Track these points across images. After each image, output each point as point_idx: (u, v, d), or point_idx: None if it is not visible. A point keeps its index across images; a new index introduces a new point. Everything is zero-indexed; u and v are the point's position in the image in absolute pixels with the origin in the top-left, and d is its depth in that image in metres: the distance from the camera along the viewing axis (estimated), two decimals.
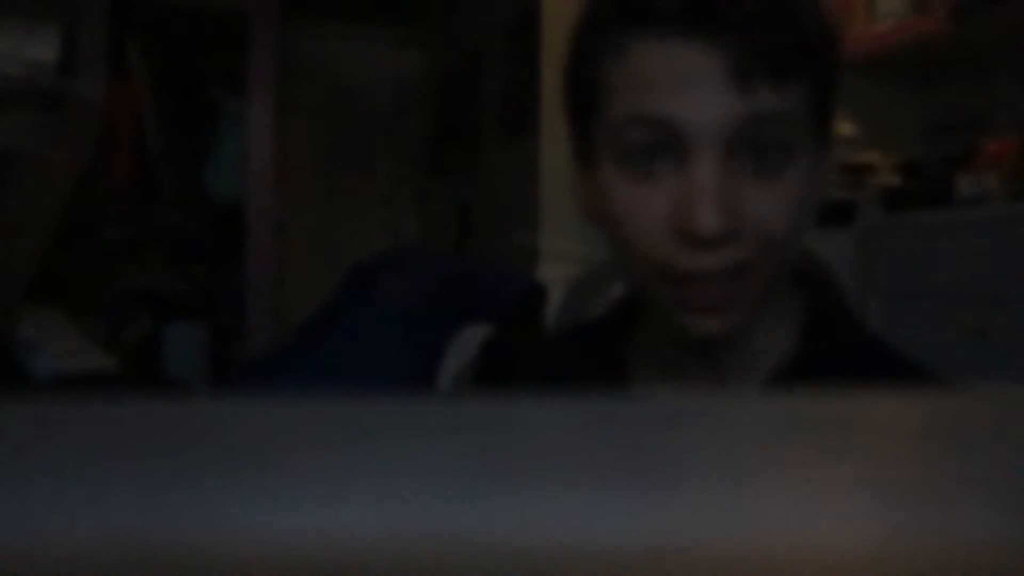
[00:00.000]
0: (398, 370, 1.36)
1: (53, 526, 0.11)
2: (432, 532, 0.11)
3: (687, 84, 0.53)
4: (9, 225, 2.20)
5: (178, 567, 0.10)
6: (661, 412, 0.18)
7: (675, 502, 0.12)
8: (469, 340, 1.32)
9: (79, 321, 2.31)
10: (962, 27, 2.21)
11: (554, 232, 2.84)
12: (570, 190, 0.64)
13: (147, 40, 2.71)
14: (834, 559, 0.11)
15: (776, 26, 0.53)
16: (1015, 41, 2.21)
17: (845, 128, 2.59)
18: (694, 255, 0.53)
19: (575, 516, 0.11)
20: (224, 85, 2.91)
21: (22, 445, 0.14)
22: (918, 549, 0.11)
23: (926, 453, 0.15)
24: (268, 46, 2.87)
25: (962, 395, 0.20)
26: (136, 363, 2.47)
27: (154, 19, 2.73)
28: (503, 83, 3.35)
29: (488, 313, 1.35)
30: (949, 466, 0.14)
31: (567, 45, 0.60)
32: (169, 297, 2.69)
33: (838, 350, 0.61)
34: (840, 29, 0.60)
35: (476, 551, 0.10)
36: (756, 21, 0.52)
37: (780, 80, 0.53)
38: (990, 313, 1.71)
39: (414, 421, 0.17)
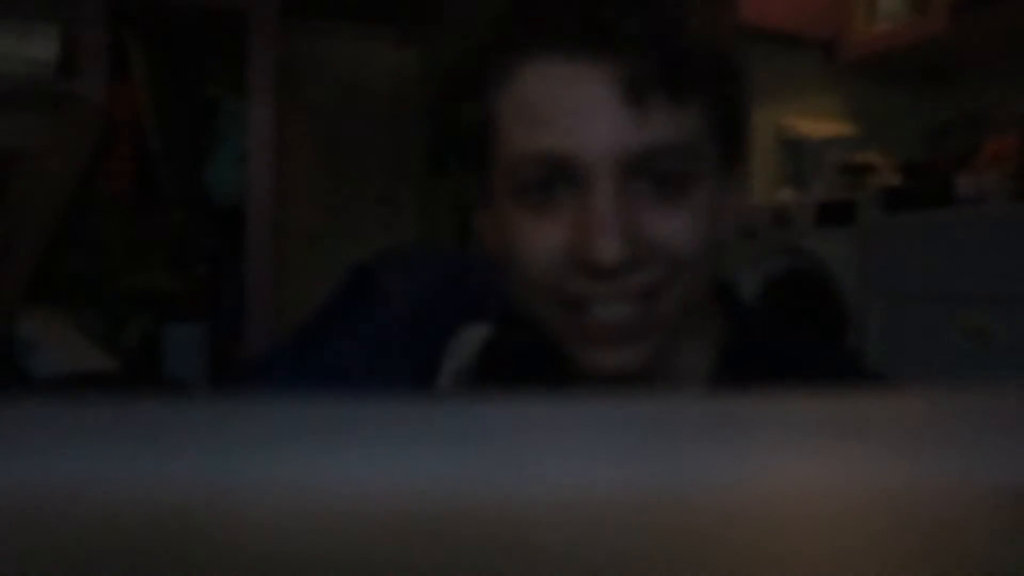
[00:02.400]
0: (398, 370, 1.36)
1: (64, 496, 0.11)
2: (427, 523, 0.11)
3: (579, 112, 0.51)
4: (9, 225, 2.20)
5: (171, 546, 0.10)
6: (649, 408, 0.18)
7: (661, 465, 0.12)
8: (469, 340, 1.32)
9: (79, 321, 2.31)
10: (962, 27, 2.21)
11: None
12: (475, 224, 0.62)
13: (147, 40, 2.71)
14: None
15: (667, 44, 0.51)
16: (1015, 41, 2.22)
17: (845, 128, 2.60)
18: (592, 283, 0.51)
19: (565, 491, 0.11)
20: (224, 85, 2.91)
21: (24, 441, 0.14)
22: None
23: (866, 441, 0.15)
24: (268, 46, 2.87)
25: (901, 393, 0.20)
26: (136, 363, 2.47)
27: (154, 19, 2.73)
28: None
29: (488, 313, 1.35)
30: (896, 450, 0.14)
31: (451, 84, 0.59)
32: (169, 297, 2.69)
33: (763, 361, 0.59)
34: (735, 49, 0.57)
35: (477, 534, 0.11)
36: (647, 39, 0.50)
37: (675, 99, 0.51)
38: (990, 313, 1.72)
39: (414, 420, 0.17)
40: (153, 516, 0.11)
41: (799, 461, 0.14)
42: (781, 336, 0.63)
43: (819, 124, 2.59)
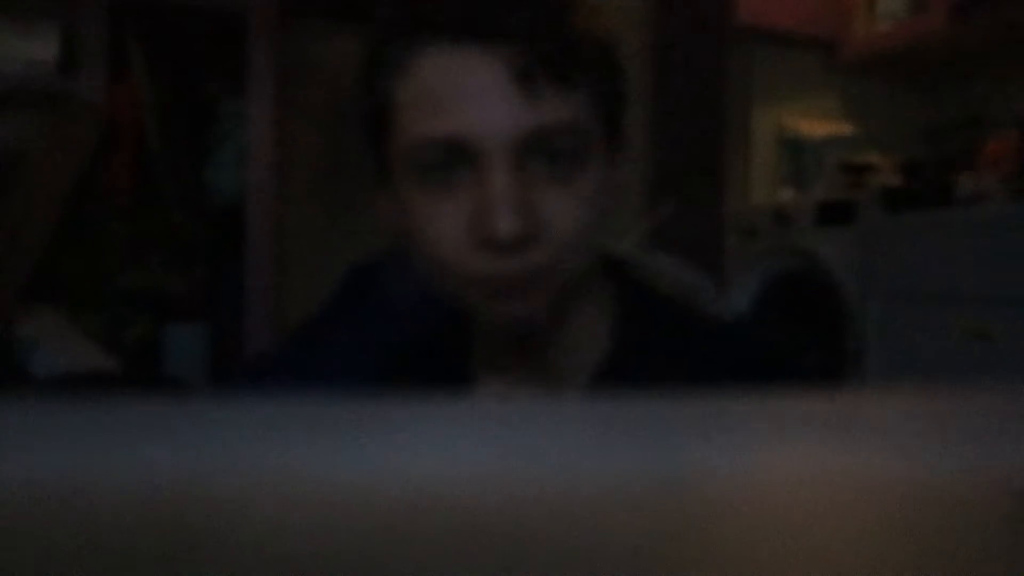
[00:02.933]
0: (397, 370, 1.36)
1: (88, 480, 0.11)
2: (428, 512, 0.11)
3: (473, 96, 0.54)
4: (9, 225, 2.20)
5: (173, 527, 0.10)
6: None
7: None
8: None
9: (79, 321, 2.31)
10: (962, 27, 2.21)
11: None
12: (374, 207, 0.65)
13: (147, 40, 2.71)
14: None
15: (553, 31, 0.54)
16: (1015, 41, 2.22)
17: (845, 128, 2.60)
18: (494, 260, 0.55)
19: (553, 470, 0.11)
20: (224, 85, 2.92)
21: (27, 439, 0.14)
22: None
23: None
24: (268, 46, 2.88)
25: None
26: (136, 363, 2.48)
27: (154, 19, 2.73)
28: None
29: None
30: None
31: (358, 70, 0.61)
32: (169, 297, 2.69)
33: (657, 337, 0.63)
34: (617, 38, 0.64)
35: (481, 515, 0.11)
36: (535, 27, 0.54)
37: (563, 84, 0.54)
38: (990, 313, 1.72)
39: (412, 419, 0.17)
40: (152, 513, 0.11)
41: (798, 457, 0.14)
42: (671, 306, 0.67)
43: (819, 124, 2.59)
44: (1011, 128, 2.06)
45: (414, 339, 0.85)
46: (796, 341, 2.21)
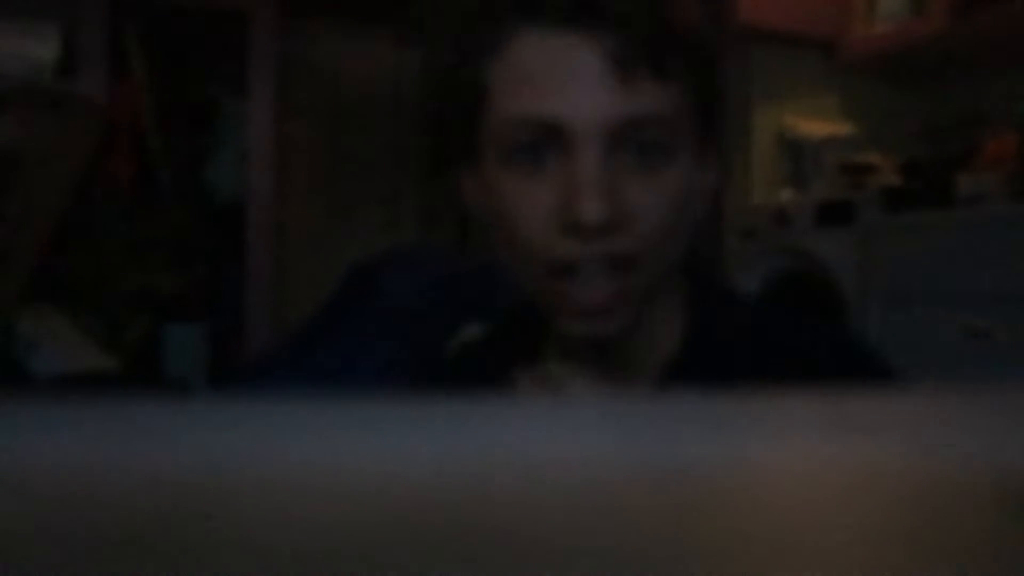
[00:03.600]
0: (396, 370, 1.36)
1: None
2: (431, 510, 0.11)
3: (569, 80, 0.54)
4: (9, 225, 2.20)
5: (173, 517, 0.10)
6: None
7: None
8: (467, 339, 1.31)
9: (79, 321, 2.31)
10: (962, 27, 2.21)
11: None
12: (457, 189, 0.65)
13: (147, 39, 2.71)
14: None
15: (652, 21, 0.54)
16: (1015, 41, 2.22)
17: (845, 128, 2.60)
18: (578, 244, 0.54)
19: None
20: (224, 85, 2.92)
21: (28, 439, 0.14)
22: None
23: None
24: (268, 46, 2.87)
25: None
26: (136, 363, 2.47)
27: (154, 18, 2.73)
28: None
29: (488, 313, 1.35)
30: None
31: (443, 49, 0.61)
32: (169, 297, 2.69)
33: (728, 334, 0.62)
34: (714, 34, 0.64)
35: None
36: (634, 15, 0.54)
37: (659, 74, 0.54)
38: (990, 313, 1.72)
39: (411, 419, 0.17)
40: (152, 513, 0.11)
41: (797, 456, 0.14)
42: (746, 306, 0.67)
43: (819, 124, 2.59)
44: (1011, 128, 2.06)
45: (486, 333, 0.85)
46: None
